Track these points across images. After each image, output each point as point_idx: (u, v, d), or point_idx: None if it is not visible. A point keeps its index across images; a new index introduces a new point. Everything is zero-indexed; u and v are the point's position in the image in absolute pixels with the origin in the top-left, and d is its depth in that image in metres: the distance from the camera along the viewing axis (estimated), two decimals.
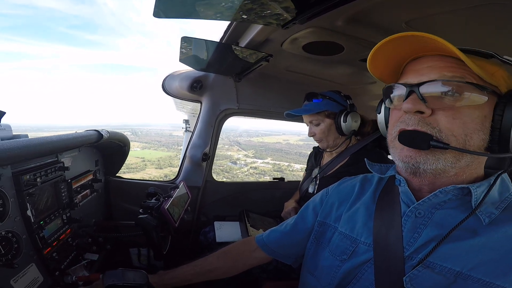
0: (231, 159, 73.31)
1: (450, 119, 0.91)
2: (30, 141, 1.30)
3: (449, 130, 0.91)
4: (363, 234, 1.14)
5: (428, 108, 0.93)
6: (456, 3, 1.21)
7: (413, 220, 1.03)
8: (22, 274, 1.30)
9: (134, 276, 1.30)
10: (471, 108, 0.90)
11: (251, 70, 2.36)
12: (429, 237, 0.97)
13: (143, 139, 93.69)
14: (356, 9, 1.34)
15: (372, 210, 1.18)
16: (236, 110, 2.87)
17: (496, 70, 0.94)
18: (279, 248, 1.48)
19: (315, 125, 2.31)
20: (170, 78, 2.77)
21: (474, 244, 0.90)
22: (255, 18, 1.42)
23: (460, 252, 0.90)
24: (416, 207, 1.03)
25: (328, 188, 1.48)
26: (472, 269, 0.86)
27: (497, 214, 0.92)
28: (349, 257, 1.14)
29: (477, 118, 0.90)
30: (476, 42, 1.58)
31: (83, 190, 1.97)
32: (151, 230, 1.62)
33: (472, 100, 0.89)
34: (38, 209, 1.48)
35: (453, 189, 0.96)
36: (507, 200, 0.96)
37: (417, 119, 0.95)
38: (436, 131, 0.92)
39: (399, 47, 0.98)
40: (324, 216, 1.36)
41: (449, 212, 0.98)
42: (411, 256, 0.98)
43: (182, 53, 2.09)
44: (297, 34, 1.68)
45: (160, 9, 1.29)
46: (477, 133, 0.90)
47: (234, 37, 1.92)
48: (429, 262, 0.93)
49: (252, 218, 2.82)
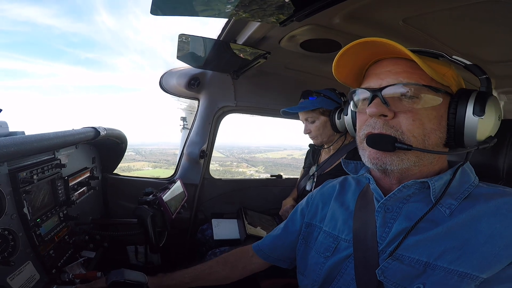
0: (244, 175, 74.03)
1: (410, 121, 0.98)
2: (27, 138, 1.29)
3: (410, 131, 0.98)
4: (344, 231, 1.20)
5: (391, 111, 1.00)
6: (453, 1, 1.21)
7: (383, 215, 1.09)
8: (18, 272, 1.29)
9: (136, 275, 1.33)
10: (428, 110, 0.98)
11: (249, 67, 2.35)
12: (398, 231, 1.03)
13: (150, 159, 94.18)
14: (353, 7, 1.34)
15: (353, 208, 1.23)
16: (234, 108, 2.87)
17: (447, 70, 1.01)
18: (272, 252, 1.51)
19: (310, 122, 2.34)
20: (168, 75, 2.75)
21: (437, 234, 0.96)
22: (253, 15, 1.42)
23: (426, 243, 0.96)
24: (384, 202, 1.09)
25: (313, 191, 1.53)
26: (437, 258, 0.91)
27: (456, 205, 0.98)
28: (332, 254, 1.19)
29: (434, 119, 0.98)
30: (472, 39, 1.58)
31: (80, 187, 1.96)
32: (147, 219, 1.63)
33: (428, 102, 0.97)
34: (34, 206, 1.47)
35: (414, 183, 1.03)
36: (467, 190, 1.01)
37: (381, 123, 1.02)
38: (399, 133, 0.99)
39: (360, 52, 1.04)
40: (310, 217, 1.42)
41: (415, 205, 1.05)
42: (384, 250, 1.04)
43: (179, 50, 2.09)
44: (295, 32, 1.68)
45: (157, 6, 1.28)
46: (434, 132, 0.99)
47: (232, 34, 1.92)
48: (398, 254, 0.99)
49: (250, 216, 2.82)
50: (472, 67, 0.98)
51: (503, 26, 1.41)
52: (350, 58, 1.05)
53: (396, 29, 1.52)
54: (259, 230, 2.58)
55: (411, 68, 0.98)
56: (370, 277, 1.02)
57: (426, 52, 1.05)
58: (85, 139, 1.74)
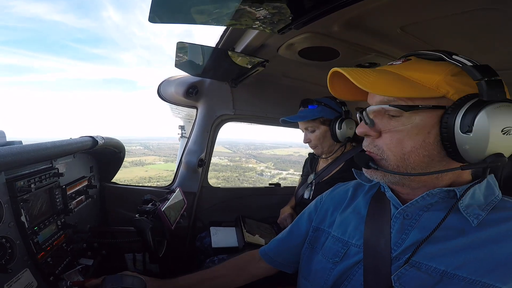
0: (255, 171, 74.05)
1: (388, 140, 1.00)
2: (24, 148, 1.29)
3: (390, 150, 1.00)
4: (355, 237, 1.18)
5: (375, 131, 1.03)
6: (451, 8, 1.22)
7: (401, 222, 1.07)
8: (16, 279, 1.29)
9: (133, 281, 1.31)
10: (410, 128, 0.95)
11: (247, 75, 2.36)
12: (417, 238, 1.00)
13: (160, 153, 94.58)
14: (351, 14, 1.35)
15: (364, 213, 1.21)
16: (232, 116, 2.86)
17: (441, 78, 0.92)
18: (278, 256, 1.49)
19: (310, 132, 2.32)
20: (166, 83, 2.76)
21: (459, 244, 0.92)
22: (251, 24, 1.42)
23: (446, 252, 0.93)
24: (404, 209, 1.07)
25: (323, 194, 1.51)
26: (457, 268, 0.89)
27: (484, 216, 0.94)
28: (341, 259, 1.16)
29: (417, 136, 0.95)
30: (470, 47, 1.59)
31: (78, 196, 1.95)
32: (147, 231, 1.62)
33: (407, 121, 0.96)
34: (32, 214, 1.47)
35: (440, 192, 0.99)
36: (493, 202, 0.98)
37: (368, 142, 1.07)
38: (381, 152, 1.02)
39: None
40: (319, 221, 1.39)
41: (436, 214, 1.01)
42: (398, 257, 1.01)
43: (177, 59, 2.09)
44: (293, 40, 1.69)
45: (156, 14, 1.29)
46: (416, 151, 0.95)
47: (230, 43, 1.92)
48: (415, 262, 0.97)
49: (248, 224, 2.81)
50: (469, 68, 0.88)
51: (501, 34, 1.42)
52: (340, 80, 1.07)
53: (394, 37, 1.52)
54: (258, 238, 2.57)
55: (396, 84, 0.95)
56: (380, 283, 1.01)
57: (423, 55, 1.02)
58: (83, 148, 1.74)
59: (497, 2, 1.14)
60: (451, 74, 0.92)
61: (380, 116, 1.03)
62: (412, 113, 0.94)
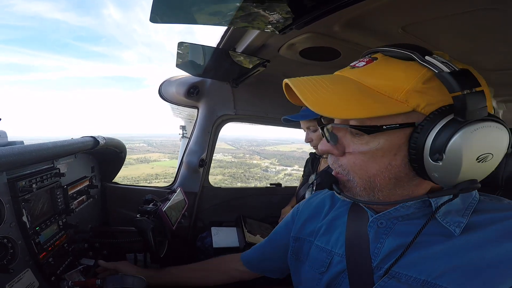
0: (260, 167, 74.23)
1: (352, 162, 0.91)
2: (26, 148, 1.30)
3: (355, 172, 0.91)
4: (337, 245, 1.12)
5: (338, 150, 0.94)
6: (451, 8, 1.22)
7: (375, 230, 1.01)
8: (17, 279, 1.29)
9: (133, 280, 1.32)
10: (374, 151, 0.86)
11: (248, 75, 2.36)
12: (392, 247, 0.95)
13: (164, 150, 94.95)
14: (352, 14, 1.35)
15: (345, 221, 1.16)
16: (233, 116, 2.87)
17: (411, 87, 0.78)
18: (260, 263, 1.52)
19: (312, 131, 2.30)
20: (167, 83, 2.76)
21: (440, 251, 0.87)
22: (252, 24, 1.43)
23: (425, 259, 0.88)
24: (378, 218, 1.01)
25: (300, 204, 1.48)
26: (438, 277, 0.83)
27: (465, 222, 0.88)
28: (326, 269, 1.13)
29: (382, 158, 0.86)
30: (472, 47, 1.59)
31: (79, 196, 1.96)
32: (148, 232, 1.62)
33: (367, 144, 0.86)
34: (34, 215, 1.47)
35: (414, 203, 0.93)
36: (471, 205, 0.92)
37: (332, 159, 0.98)
38: (346, 173, 0.93)
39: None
40: (298, 231, 1.36)
41: (414, 222, 0.96)
42: (379, 266, 0.96)
43: (179, 59, 2.09)
44: (294, 40, 1.69)
45: (157, 14, 1.29)
46: (382, 174, 0.87)
47: (231, 43, 1.92)
48: (395, 272, 0.91)
49: (249, 224, 2.82)
50: (444, 77, 0.72)
51: (502, 34, 1.41)
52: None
53: (395, 37, 1.52)
54: (258, 238, 2.58)
55: (355, 101, 0.80)
56: None
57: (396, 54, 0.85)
58: (84, 148, 1.74)
59: (498, 2, 1.14)
60: (422, 81, 0.78)
61: (343, 131, 0.93)
62: (377, 134, 0.83)
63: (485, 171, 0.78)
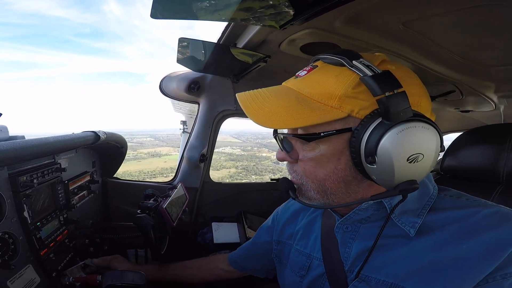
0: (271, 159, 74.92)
1: (303, 168, 0.94)
2: (27, 143, 1.29)
3: (307, 177, 0.94)
4: (315, 249, 1.15)
5: (291, 157, 0.97)
6: (453, 4, 1.21)
7: (342, 235, 1.04)
8: (19, 275, 1.29)
9: (133, 276, 1.32)
10: (319, 157, 0.88)
11: (249, 71, 2.35)
12: (359, 250, 0.98)
13: (172, 144, 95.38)
14: (353, 10, 1.34)
15: (320, 225, 1.17)
16: (234, 111, 2.86)
17: (343, 93, 0.79)
18: (247, 263, 1.56)
19: None
20: (168, 79, 2.75)
21: (402, 253, 0.89)
22: (253, 19, 1.42)
23: (390, 262, 0.90)
24: (342, 222, 1.03)
25: (279, 208, 1.53)
26: (403, 279, 0.86)
27: (420, 222, 0.90)
28: (306, 272, 1.15)
29: (328, 163, 0.88)
30: (473, 43, 1.58)
31: (80, 191, 1.96)
32: (149, 229, 1.62)
33: (313, 149, 0.90)
34: (35, 210, 1.47)
35: (369, 206, 0.95)
36: (428, 203, 0.93)
37: (288, 166, 1.00)
38: (300, 178, 0.96)
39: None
40: (278, 235, 1.39)
41: (375, 224, 0.98)
42: (351, 270, 0.99)
43: (179, 54, 2.09)
44: (295, 35, 1.68)
45: (157, 10, 1.29)
46: (330, 178, 0.89)
47: (231, 38, 1.92)
48: (364, 276, 0.94)
49: (250, 219, 2.82)
50: (366, 81, 0.74)
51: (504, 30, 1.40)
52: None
53: (397, 33, 1.51)
54: None
55: (294, 111, 0.83)
56: None
57: (327, 58, 0.88)
58: (85, 143, 1.74)
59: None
60: (352, 86, 0.79)
61: (294, 140, 0.95)
62: (319, 141, 0.86)
63: (421, 171, 0.78)
